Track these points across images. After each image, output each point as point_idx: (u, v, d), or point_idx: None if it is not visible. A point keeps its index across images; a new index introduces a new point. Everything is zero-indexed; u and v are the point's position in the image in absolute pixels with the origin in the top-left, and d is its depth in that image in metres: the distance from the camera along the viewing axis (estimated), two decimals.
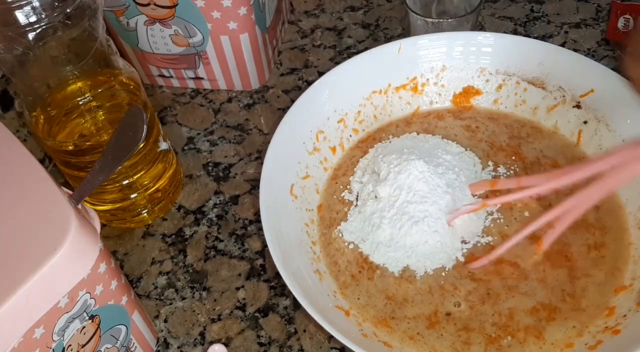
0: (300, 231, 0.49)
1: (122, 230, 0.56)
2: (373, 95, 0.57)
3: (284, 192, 0.50)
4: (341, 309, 0.45)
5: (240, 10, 0.57)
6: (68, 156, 0.49)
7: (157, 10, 0.58)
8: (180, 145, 0.63)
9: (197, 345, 0.49)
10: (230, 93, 0.67)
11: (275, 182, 0.49)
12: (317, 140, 0.54)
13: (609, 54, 0.65)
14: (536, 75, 0.55)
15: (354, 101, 0.56)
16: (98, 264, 0.37)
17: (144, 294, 0.52)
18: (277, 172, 0.50)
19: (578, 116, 0.54)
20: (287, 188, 0.50)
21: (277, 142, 0.50)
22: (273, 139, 0.50)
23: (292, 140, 0.52)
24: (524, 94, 0.56)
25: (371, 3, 0.74)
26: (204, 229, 0.56)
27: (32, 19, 0.41)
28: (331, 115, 0.55)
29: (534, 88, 0.56)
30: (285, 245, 0.46)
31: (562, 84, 0.54)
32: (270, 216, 0.46)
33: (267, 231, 0.45)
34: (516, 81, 0.56)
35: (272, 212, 0.47)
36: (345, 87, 0.55)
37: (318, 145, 0.54)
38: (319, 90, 0.54)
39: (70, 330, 0.37)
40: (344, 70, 0.55)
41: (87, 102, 0.48)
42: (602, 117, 0.52)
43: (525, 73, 0.56)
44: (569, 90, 0.54)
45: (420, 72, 0.57)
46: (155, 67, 0.66)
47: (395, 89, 0.57)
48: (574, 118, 0.54)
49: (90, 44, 0.46)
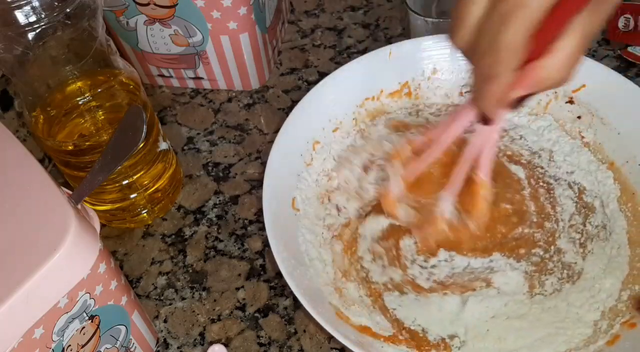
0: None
1: (122, 230, 0.56)
2: (366, 102, 0.57)
3: (286, 206, 0.50)
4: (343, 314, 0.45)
5: (240, 10, 0.57)
6: (68, 156, 0.49)
7: (156, 10, 0.58)
8: (180, 145, 0.63)
9: (197, 345, 0.49)
10: (230, 93, 0.67)
11: (278, 197, 0.49)
12: (314, 150, 0.54)
13: (609, 54, 0.65)
14: None
15: (347, 110, 0.56)
16: (98, 264, 0.37)
17: (144, 294, 0.52)
18: (278, 187, 0.49)
19: (571, 111, 0.54)
20: (289, 202, 0.50)
21: (274, 159, 0.50)
22: (270, 158, 0.50)
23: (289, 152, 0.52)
24: None
25: (371, 3, 0.74)
26: (204, 229, 0.56)
27: (31, 19, 0.41)
28: (326, 125, 0.55)
29: None
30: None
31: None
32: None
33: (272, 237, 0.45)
34: None
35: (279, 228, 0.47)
36: (338, 96, 0.55)
37: (315, 155, 0.54)
38: (318, 97, 0.54)
39: (69, 330, 0.37)
40: (336, 78, 0.54)
41: (86, 102, 0.48)
42: (595, 111, 0.53)
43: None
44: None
45: (411, 76, 0.57)
46: (155, 67, 0.65)
47: (388, 95, 0.57)
48: (567, 113, 0.54)
49: (90, 44, 0.46)
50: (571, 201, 0.51)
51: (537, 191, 0.52)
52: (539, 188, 0.52)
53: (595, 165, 0.52)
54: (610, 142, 0.52)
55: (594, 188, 0.52)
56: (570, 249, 0.49)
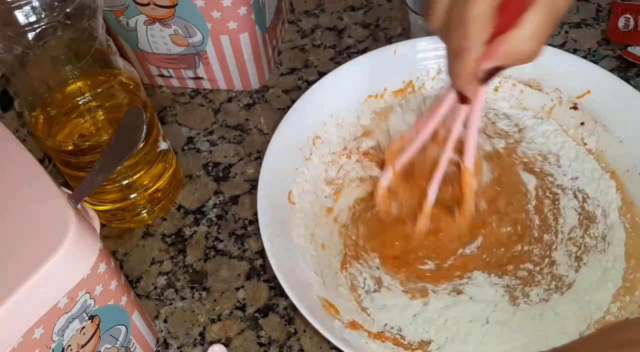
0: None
1: (122, 230, 0.56)
2: (370, 100, 0.56)
3: (283, 199, 0.50)
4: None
5: (240, 10, 0.57)
6: (68, 156, 0.49)
7: (156, 10, 0.58)
8: (180, 145, 0.63)
9: (197, 345, 0.49)
10: (230, 93, 0.67)
11: (274, 189, 0.49)
12: (314, 145, 0.54)
13: (609, 54, 0.65)
14: (532, 77, 0.55)
15: (350, 107, 0.56)
16: (98, 264, 0.37)
17: (144, 294, 0.52)
18: (275, 180, 0.49)
19: (575, 117, 0.54)
20: (285, 195, 0.50)
21: (273, 151, 0.50)
22: (268, 150, 0.50)
23: (288, 146, 0.52)
24: (520, 95, 0.56)
25: (371, 3, 0.74)
26: (204, 229, 0.56)
27: (31, 19, 0.41)
28: (327, 120, 0.55)
29: (530, 90, 0.55)
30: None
31: (558, 85, 0.54)
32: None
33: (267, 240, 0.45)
34: (512, 83, 0.56)
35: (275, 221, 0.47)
36: (342, 92, 0.55)
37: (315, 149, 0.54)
38: (315, 96, 0.54)
39: (69, 330, 0.36)
40: (340, 74, 0.54)
41: (86, 102, 0.48)
42: (598, 118, 0.52)
43: (521, 75, 0.56)
44: (566, 91, 0.54)
45: (416, 75, 0.57)
46: (155, 67, 0.65)
47: (392, 93, 0.57)
48: (571, 119, 0.54)
49: (90, 44, 0.46)
50: (575, 212, 0.51)
51: (542, 202, 0.52)
52: (544, 199, 0.52)
53: (599, 173, 0.52)
54: (612, 150, 0.52)
55: (597, 196, 0.51)
56: (564, 262, 0.48)
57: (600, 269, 0.47)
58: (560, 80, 0.54)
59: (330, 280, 0.48)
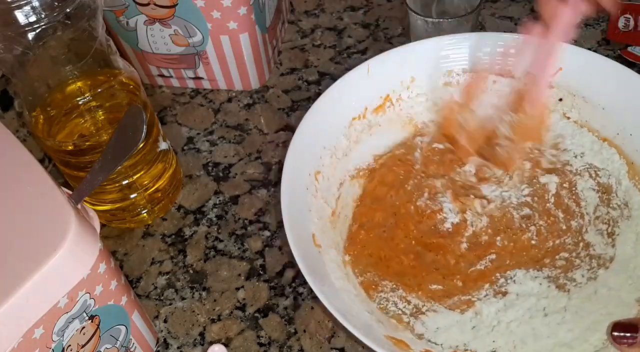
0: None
1: (122, 230, 0.56)
2: (354, 122, 0.55)
3: (309, 243, 0.48)
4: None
5: (240, 10, 0.57)
6: (68, 156, 0.49)
7: (156, 10, 0.58)
8: (180, 145, 0.63)
9: (197, 345, 0.49)
10: (230, 93, 0.67)
11: (299, 232, 0.47)
12: (317, 181, 0.52)
13: (609, 54, 0.65)
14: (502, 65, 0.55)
15: (337, 133, 0.54)
16: (98, 264, 0.37)
17: (144, 295, 0.52)
18: (295, 225, 0.47)
19: (552, 95, 0.55)
20: (310, 239, 0.48)
21: (285, 193, 0.47)
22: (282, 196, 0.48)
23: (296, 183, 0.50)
24: (493, 86, 0.55)
25: (371, 3, 0.74)
26: (204, 229, 0.56)
27: (31, 18, 0.41)
28: (323, 153, 0.53)
29: (503, 79, 0.55)
30: None
31: (529, 69, 0.53)
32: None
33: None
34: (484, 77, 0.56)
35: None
36: (327, 121, 0.54)
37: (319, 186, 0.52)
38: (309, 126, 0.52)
39: (69, 330, 0.36)
40: (321, 105, 0.53)
41: (86, 102, 0.48)
42: (575, 91, 0.54)
43: (491, 67, 0.55)
44: None
45: (391, 88, 0.56)
46: (155, 67, 0.65)
47: (373, 111, 0.56)
48: (549, 98, 0.55)
49: (90, 44, 0.46)
50: (593, 191, 0.52)
51: (559, 195, 0.52)
52: (561, 190, 0.52)
53: (599, 144, 0.53)
54: (596, 119, 0.53)
55: (606, 166, 0.53)
56: (598, 242, 0.49)
57: (634, 235, 0.48)
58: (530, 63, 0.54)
59: (380, 316, 0.46)
